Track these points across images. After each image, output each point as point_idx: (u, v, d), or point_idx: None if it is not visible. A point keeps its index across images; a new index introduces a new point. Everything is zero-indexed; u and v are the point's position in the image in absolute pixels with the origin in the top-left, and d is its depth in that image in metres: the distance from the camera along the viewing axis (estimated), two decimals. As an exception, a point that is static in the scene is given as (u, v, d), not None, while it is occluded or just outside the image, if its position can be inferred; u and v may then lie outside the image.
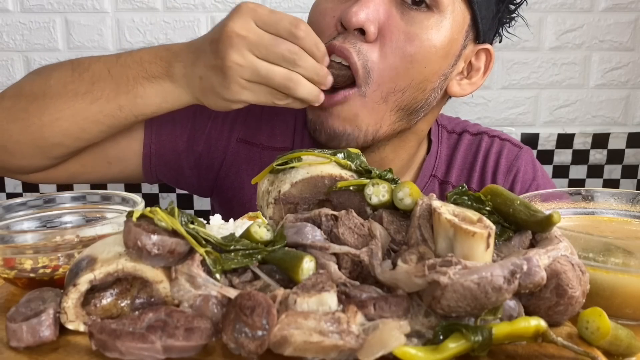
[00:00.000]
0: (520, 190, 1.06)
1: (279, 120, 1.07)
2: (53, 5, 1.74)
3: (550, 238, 0.52)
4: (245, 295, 0.45)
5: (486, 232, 0.46)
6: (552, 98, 1.85)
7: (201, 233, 0.52)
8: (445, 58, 0.90)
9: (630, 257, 0.54)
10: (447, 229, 0.48)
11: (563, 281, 0.49)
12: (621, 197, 0.68)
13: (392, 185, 0.56)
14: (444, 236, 0.48)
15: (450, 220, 0.47)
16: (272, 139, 1.07)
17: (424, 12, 0.86)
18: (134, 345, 0.44)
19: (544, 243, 0.52)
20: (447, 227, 0.48)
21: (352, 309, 0.46)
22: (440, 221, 0.49)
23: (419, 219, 0.52)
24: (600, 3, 1.78)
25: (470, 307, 0.44)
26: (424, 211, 0.52)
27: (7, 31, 1.75)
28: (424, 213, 0.52)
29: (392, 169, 0.60)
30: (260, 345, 0.43)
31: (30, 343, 0.47)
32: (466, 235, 0.46)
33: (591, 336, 0.48)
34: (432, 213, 0.51)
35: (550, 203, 0.68)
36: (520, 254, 0.49)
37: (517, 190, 1.06)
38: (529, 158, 1.10)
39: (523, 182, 1.08)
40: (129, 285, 0.52)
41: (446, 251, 0.48)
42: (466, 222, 0.47)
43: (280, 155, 0.61)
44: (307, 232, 0.53)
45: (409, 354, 0.43)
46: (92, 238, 0.59)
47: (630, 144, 1.87)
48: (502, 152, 1.09)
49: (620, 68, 1.82)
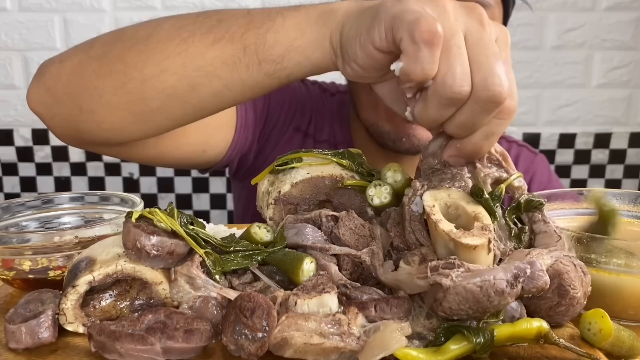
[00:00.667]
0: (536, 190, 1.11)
1: (338, 117, 1.12)
2: (51, 4, 1.73)
3: (549, 233, 0.52)
4: (245, 297, 0.44)
5: (486, 240, 0.46)
6: (554, 97, 1.85)
7: (201, 234, 0.51)
8: None
9: (633, 258, 0.53)
10: (446, 240, 0.47)
11: (565, 281, 0.48)
12: (623, 197, 0.68)
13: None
14: (443, 245, 0.48)
15: (449, 234, 0.47)
16: (330, 136, 1.11)
17: None
18: (133, 347, 0.44)
19: (543, 239, 0.52)
20: (446, 239, 0.47)
21: (352, 310, 0.45)
22: (438, 231, 0.48)
23: (410, 224, 0.51)
24: (602, 2, 1.77)
25: (472, 310, 0.44)
26: (414, 214, 0.51)
27: (6, 30, 1.75)
28: (415, 215, 0.51)
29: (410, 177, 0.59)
30: (261, 347, 0.43)
31: (29, 345, 0.47)
32: (467, 249, 0.46)
33: (593, 338, 0.48)
34: (424, 216, 0.50)
35: (552, 203, 0.68)
36: (523, 257, 0.48)
37: (533, 191, 1.10)
38: (545, 163, 1.19)
39: (539, 183, 1.14)
40: (128, 287, 0.52)
41: (446, 256, 0.47)
42: (466, 235, 0.46)
43: (281, 156, 0.60)
44: (307, 233, 0.53)
45: (410, 355, 0.42)
46: (91, 239, 0.59)
47: (632, 143, 1.86)
48: (520, 156, 1.17)
49: (623, 67, 1.82)
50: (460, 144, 0.52)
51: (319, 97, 1.15)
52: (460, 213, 0.50)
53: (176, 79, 0.68)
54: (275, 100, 1.09)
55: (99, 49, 0.73)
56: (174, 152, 0.91)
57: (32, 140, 1.81)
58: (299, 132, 1.11)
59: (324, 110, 1.14)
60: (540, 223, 0.53)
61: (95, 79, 0.71)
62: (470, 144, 0.51)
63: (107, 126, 0.74)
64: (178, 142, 0.90)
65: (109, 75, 0.71)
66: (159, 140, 0.84)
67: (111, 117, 0.73)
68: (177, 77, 0.68)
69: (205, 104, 0.71)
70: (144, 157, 0.89)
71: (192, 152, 0.95)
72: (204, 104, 0.71)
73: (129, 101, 0.71)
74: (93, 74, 0.71)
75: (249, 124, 1.03)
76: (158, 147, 0.87)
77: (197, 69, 0.67)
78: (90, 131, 0.76)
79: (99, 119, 0.73)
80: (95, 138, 0.77)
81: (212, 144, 0.98)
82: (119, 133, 0.75)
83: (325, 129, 1.13)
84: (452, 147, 0.53)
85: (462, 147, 0.52)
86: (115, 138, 0.77)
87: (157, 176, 1.87)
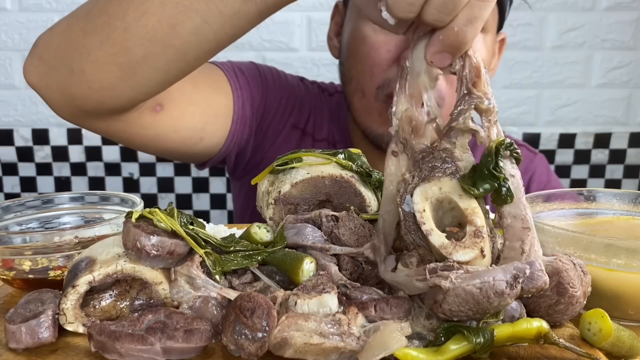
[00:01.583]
0: (535, 190, 1.12)
1: (336, 117, 1.13)
2: (51, 4, 1.73)
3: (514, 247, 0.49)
4: (245, 297, 0.44)
5: (478, 251, 0.46)
6: (554, 97, 1.84)
7: (201, 234, 0.51)
8: (489, 62, 1.02)
9: (633, 257, 0.53)
10: (441, 248, 0.47)
11: (564, 279, 0.48)
12: (623, 197, 0.68)
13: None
14: (438, 252, 0.48)
15: (439, 249, 0.46)
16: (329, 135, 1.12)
17: None
18: (133, 346, 0.44)
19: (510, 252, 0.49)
20: (441, 247, 0.47)
21: (352, 310, 0.45)
22: (432, 240, 0.47)
23: (405, 224, 0.50)
24: (602, 2, 1.77)
25: (472, 311, 0.44)
26: (408, 214, 0.50)
27: (6, 30, 1.75)
28: (408, 215, 0.50)
29: None
30: (261, 347, 0.43)
31: (29, 344, 0.47)
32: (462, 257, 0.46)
33: (593, 338, 0.48)
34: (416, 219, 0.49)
35: (552, 203, 0.68)
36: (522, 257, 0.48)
37: (533, 190, 1.13)
38: (544, 163, 1.20)
39: (539, 182, 1.15)
40: (128, 287, 0.52)
41: (443, 258, 0.47)
42: (457, 249, 0.46)
43: (281, 156, 0.60)
44: (307, 233, 0.53)
45: (410, 355, 0.42)
46: (91, 239, 0.59)
47: (632, 143, 1.86)
48: None
49: (622, 67, 1.82)
50: (443, 34, 0.49)
51: (317, 96, 1.16)
52: (453, 206, 0.49)
53: (156, 20, 0.70)
54: (272, 95, 1.09)
55: (84, 9, 0.76)
56: (171, 134, 0.92)
57: (32, 140, 1.81)
58: (297, 130, 1.12)
59: (323, 110, 1.14)
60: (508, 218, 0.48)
61: (83, 37, 0.74)
62: (453, 32, 0.49)
63: (98, 85, 0.76)
64: (175, 124, 0.91)
65: (94, 31, 0.73)
66: (156, 119, 0.86)
67: (100, 74, 0.75)
68: (157, 18, 0.70)
69: (187, 47, 0.73)
70: (141, 140, 0.90)
71: (189, 137, 0.95)
72: (186, 47, 0.72)
73: (114, 53, 0.73)
74: (80, 32, 0.74)
75: (246, 116, 1.04)
76: (155, 126, 0.88)
77: (175, 5, 0.69)
78: (83, 95, 0.78)
79: (89, 78, 0.75)
80: (88, 103, 0.79)
81: (209, 131, 0.98)
82: (110, 93, 0.77)
83: (324, 127, 1.13)
84: (435, 41, 0.50)
85: (445, 37, 0.49)
86: (108, 100, 0.78)
87: (157, 176, 1.87)
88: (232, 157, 1.07)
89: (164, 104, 0.90)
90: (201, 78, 0.97)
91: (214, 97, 0.99)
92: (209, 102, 0.97)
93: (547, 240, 0.57)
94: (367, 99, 0.98)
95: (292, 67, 1.79)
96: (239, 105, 1.02)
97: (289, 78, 1.15)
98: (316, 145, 1.11)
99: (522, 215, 0.48)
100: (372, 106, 0.98)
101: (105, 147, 1.82)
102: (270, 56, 1.79)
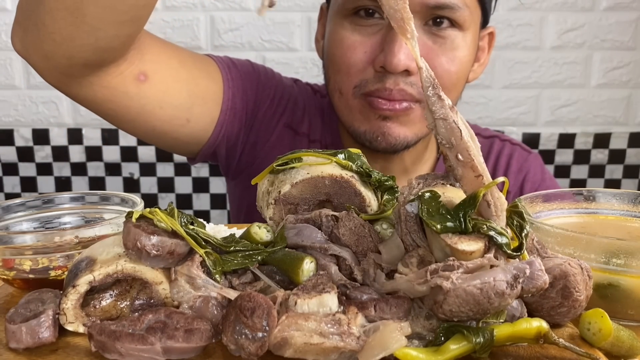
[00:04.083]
0: (529, 190, 1.13)
1: (328, 118, 1.13)
2: (53, 5, 1.73)
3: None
4: (246, 297, 0.44)
5: (483, 244, 0.46)
6: (554, 97, 1.85)
7: (201, 234, 0.51)
8: (473, 59, 1.01)
9: (632, 257, 0.53)
10: (443, 245, 0.47)
11: (571, 284, 0.48)
12: (623, 197, 0.68)
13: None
14: (440, 248, 0.48)
15: (444, 239, 0.46)
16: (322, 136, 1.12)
17: (451, 30, 0.94)
18: (133, 346, 0.44)
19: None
20: (442, 244, 0.47)
21: (352, 310, 0.46)
22: (434, 235, 0.48)
23: (405, 224, 0.51)
24: (601, 2, 1.78)
25: (473, 312, 0.44)
26: (410, 215, 0.50)
27: (6, 30, 1.74)
28: (410, 216, 0.50)
29: (394, 176, 0.59)
30: (261, 346, 0.43)
31: (29, 344, 0.47)
32: (464, 254, 0.46)
33: (593, 337, 0.48)
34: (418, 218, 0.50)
35: (551, 203, 0.68)
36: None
37: (527, 189, 1.14)
38: (538, 162, 1.19)
39: (533, 182, 1.14)
40: (129, 287, 0.52)
41: (444, 258, 0.47)
42: (462, 240, 0.46)
43: (280, 156, 0.60)
44: (307, 233, 0.53)
45: (410, 355, 0.42)
46: (91, 239, 0.59)
47: (631, 143, 1.86)
48: (513, 155, 1.17)
49: (622, 67, 1.82)
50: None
51: (311, 97, 1.16)
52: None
53: None
54: (265, 92, 1.09)
55: None
56: (157, 110, 0.93)
57: (33, 140, 1.81)
58: (289, 130, 1.12)
59: (316, 111, 1.15)
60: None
61: None
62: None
63: (59, 37, 0.79)
64: (161, 98, 0.92)
65: None
66: (141, 89, 0.88)
67: (56, 22, 0.77)
68: None
69: None
70: (128, 113, 0.91)
71: (176, 117, 0.96)
72: None
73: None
74: None
75: (236, 108, 1.04)
76: (140, 97, 0.90)
77: None
78: (53, 52, 0.81)
79: (50, 30, 0.78)
80: (59, 60, 0.82)
81: (196, 114, 0.98)
82: (72, 43, 0.79)
83: (317, 128, 1.13)
84: None
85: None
86: (75, 54, 0.81)
87: (157, 176, 1.87)
88: (222, 151, 1.07)
89: (149, 74, 0.91)
90: (190, 60, 0.99)
91: (203, 80, 1.00)
92: (197, 83, 0.98)
93: (547, 240, 0.57)
94: (345, 97, 0.99)
95: (292, 67, 1.79)
96: (228, 96, 1.02)
97: (283, 78, 1.16)
98: (310, 145, 1.11)
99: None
100: (351, 104, 0.99)
101: (106, 147, 1.82)
102: (270, 56, 1.80)
